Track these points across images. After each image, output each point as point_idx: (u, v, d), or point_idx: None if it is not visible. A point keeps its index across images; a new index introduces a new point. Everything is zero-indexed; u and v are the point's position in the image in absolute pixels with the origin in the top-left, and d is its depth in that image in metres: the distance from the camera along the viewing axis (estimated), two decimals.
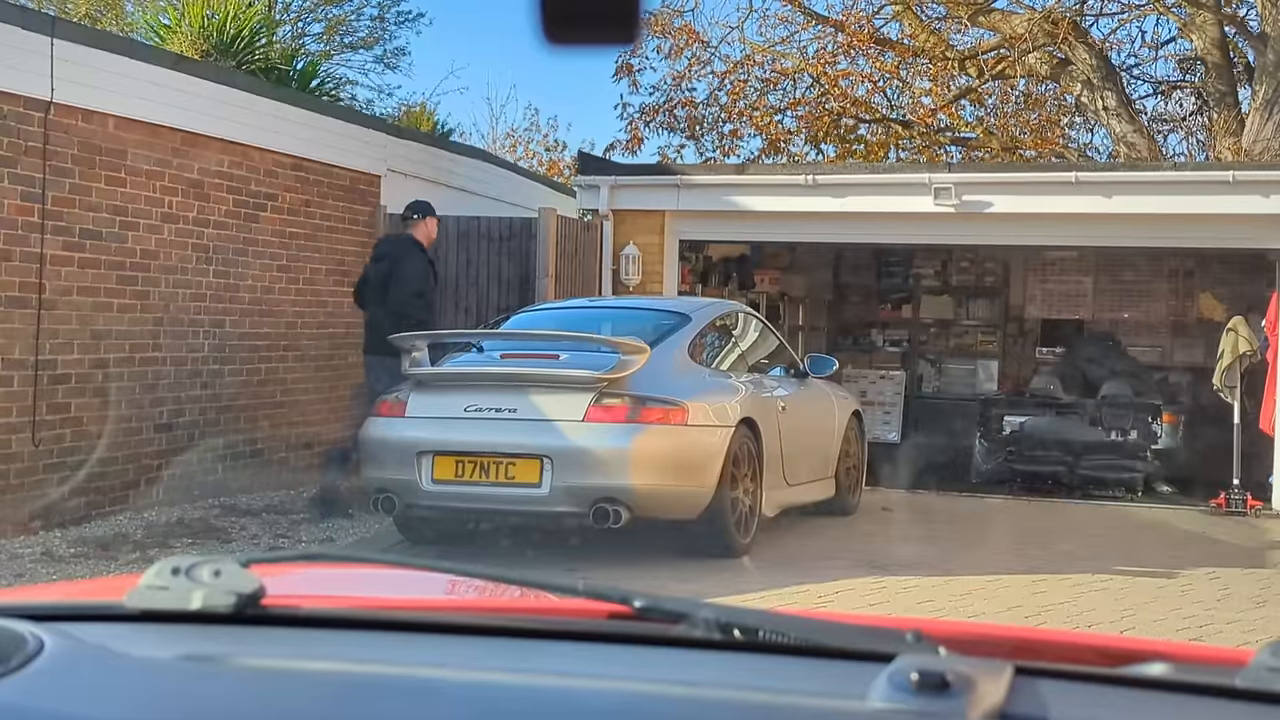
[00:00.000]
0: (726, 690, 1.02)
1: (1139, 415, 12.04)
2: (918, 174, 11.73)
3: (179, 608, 1.14)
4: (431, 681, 1.02)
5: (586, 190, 12.17)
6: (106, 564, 7.35)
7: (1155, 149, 16.09)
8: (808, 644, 1.08)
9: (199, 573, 1.16)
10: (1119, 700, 1.06)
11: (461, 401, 7.53)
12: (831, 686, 1.04)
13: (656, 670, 1.07)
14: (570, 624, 1.16)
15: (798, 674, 1.08)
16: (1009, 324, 15.43)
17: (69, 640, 1.11)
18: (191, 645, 1.11)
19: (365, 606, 1.32)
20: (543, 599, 1.28)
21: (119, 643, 1.12)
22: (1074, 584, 7.37)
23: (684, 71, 17.95)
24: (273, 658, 1.10)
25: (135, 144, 8.68)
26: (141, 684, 1.03)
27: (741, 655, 1.11)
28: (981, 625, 1.38)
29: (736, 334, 8.97)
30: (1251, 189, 10.66)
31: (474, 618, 1.18)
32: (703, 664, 1.10)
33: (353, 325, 11.09)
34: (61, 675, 1.04)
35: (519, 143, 25.05)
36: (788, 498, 8.56)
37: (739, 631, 1.08)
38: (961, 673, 0.98)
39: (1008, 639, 1.20)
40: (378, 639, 1.16)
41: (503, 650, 1.12)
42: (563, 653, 1.11)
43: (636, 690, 1.01)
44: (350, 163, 10.93)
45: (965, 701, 0.96)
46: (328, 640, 1.16)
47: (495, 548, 8.00)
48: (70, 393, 8.23)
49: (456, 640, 1.14)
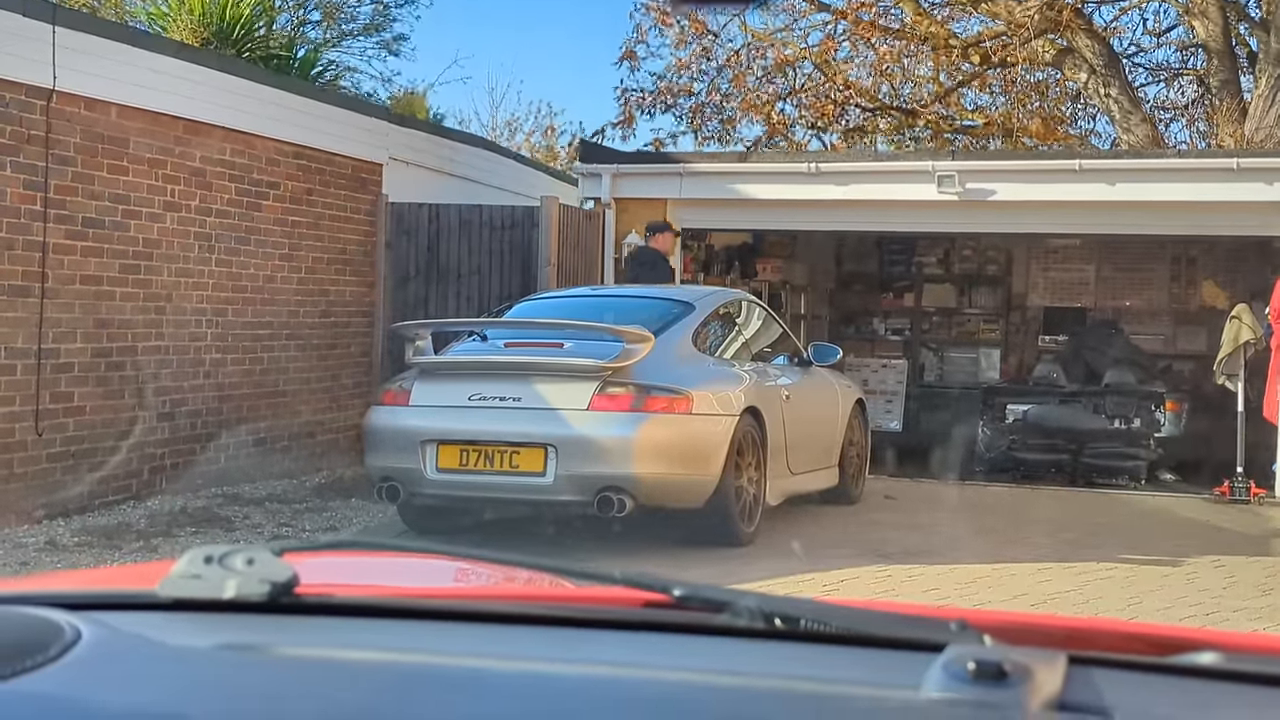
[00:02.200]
0: (774, 679, 1.00)
1: (1142, 403, 12.02)
2: (921, 161, 11.70)
3: (213, 596, 1.12)
4: (474, 672, 1.01)
5: (588, 178, 12.14)
6: (111, 553, 7.34)
7: (1158, 137, 16.05)
8: (852, 633, 1.06)
9: (232, 561, 1.14)
10: (1173, 689, 1.04)
11: (466, 390, 7.51)
12: (882, 676, 1.02)
13: (701, 659, 1.06)
14: (611, 613, 1.14)
15: (844, 663, 1.06)
16: (1011, 312, 15.41)
17: (105, 629, 1.10)
18: (228, 634, 1.10)
19: (400, 595, 1.30)
20: (580, 588, 1.27)
21: (155, 631, 1.11)
22: (1079, 572, 7.36)
23: (688, 60, 17.89)
24: (311, 647, 1.09)
25: (137, 132, 8.66)
26: (180, 673, 1.02)
27: (784, 644, 1.09)
28: (1025, 615, 1.37)
29: (740, 322, 8.95)
30: (1256, 176, 10.64)
31: (513, 606, 1.17)
32: (747, 653, 1.08)
33: (354, 314, 11.07)
34: (100, 664, 1.03)
35: (518, 130, 25.00)
36: (792, 486, 8.55)
37: (781, 620, 1.07)
38: (1018, 662, 0.96)
39: (1056, 628, 1.18)
40: (415, 628, 1.14)
41: (544, 639, 1.11)
42: (605, 642, 1.10)
43: (684, 680, 0.99)
44: (352, 151, 10.90)
45: (1023, 691, 0.95)
46: (364, 629, 1.14)
47: (499, 536, 8.00)
48: (73, 382, 8.22)
49: (496, 629, 1.13)
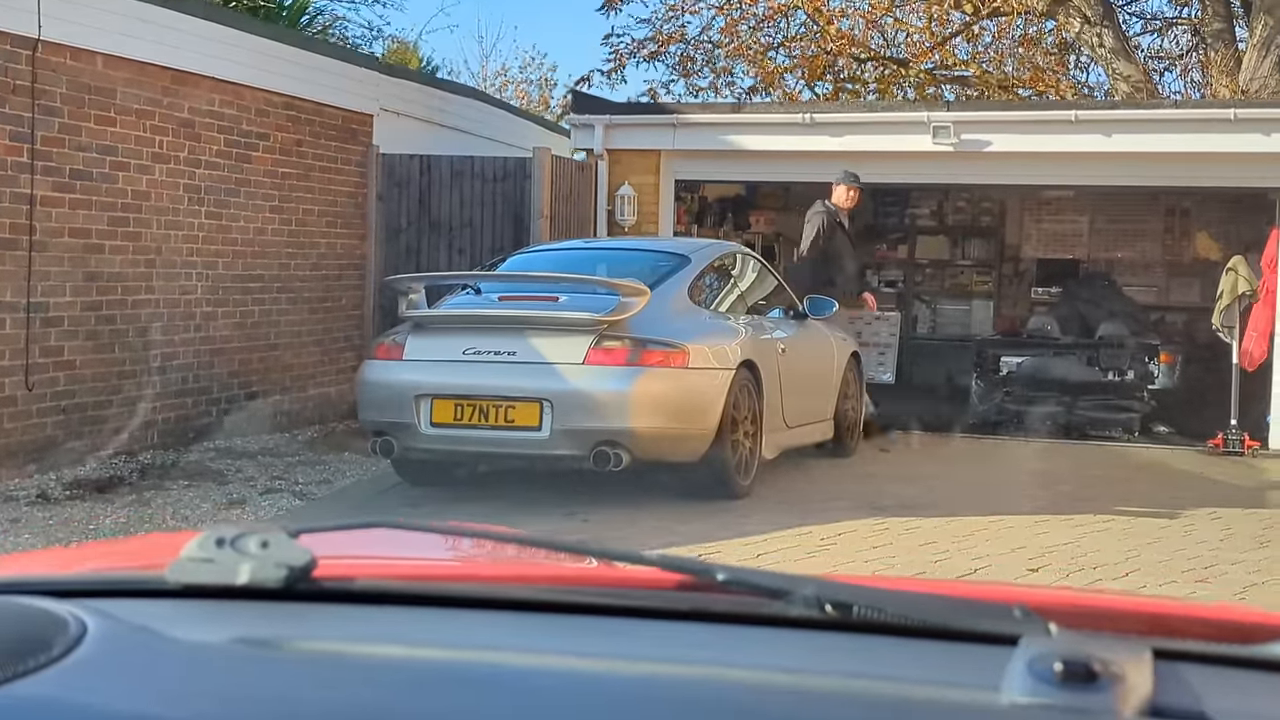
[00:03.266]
0: (835, 678, 0.93)
1: (1136, 355, 11.97)
2: (916, 113, 11.60)
3: (225, 582, 1.06)
4: (501, 669, 0.94)
5: (581, 130, 12.01)
6: (104, 506, 7.30)
7: (1152, 88, 15.94)
8: (915, 624, 0.99)
9: (245, 544, 1.07)
10: (1262, 687, 0.96)
11: (460, 344, 7.45)
12: (953, 675, 0.95)
13: (752, 655, 0.99)
14: (649, 598, 1.07)
15: (909, 659, 0.99)
16: (1005, 264, 15.34)
17: (111, 622, 1.03)
18: (243, 626, 1.03)
19: (422, 577, 1.23)
20: (613, 569, 1.20)
21: (164, 624, 1.04)
22: (1076, 524, 7.34)
23: (677, 4, 17.69)
24: (328, 640, 1.01)
25: (124, 82, 8.53)
26: (191, 673, 0.95)
27: (841, 635, 1.02)
28: (1084, 594, 1.30)
29: (735, 275, 8.88)
30: (1252, 127, 10.56)
31: (544, 592, 1.10)
32: (801, 646, 1.01)
33: (345, 267, 10.98)
34: (107, 664, 0.96)
35: (509, 82, 24.76)
36: (788, 440, 8.51)
37: (836, 608, 0.99)
38: (1107, 661, 0.89)
39: (1127, 613, 1.11)
40: (437, 617, 1.07)
41: (576, 630, 1.04)
42: (642, 633, 1.02)
43: (733, 679, 0.91)
44: (342, 102, 10.77)
45: (1115, 695, 0.87)
46: (386, 619, 1.07)
47: (495, 491, 7.96)
48: (63, 336, 8.13)
49: (524, 618, 1.06)
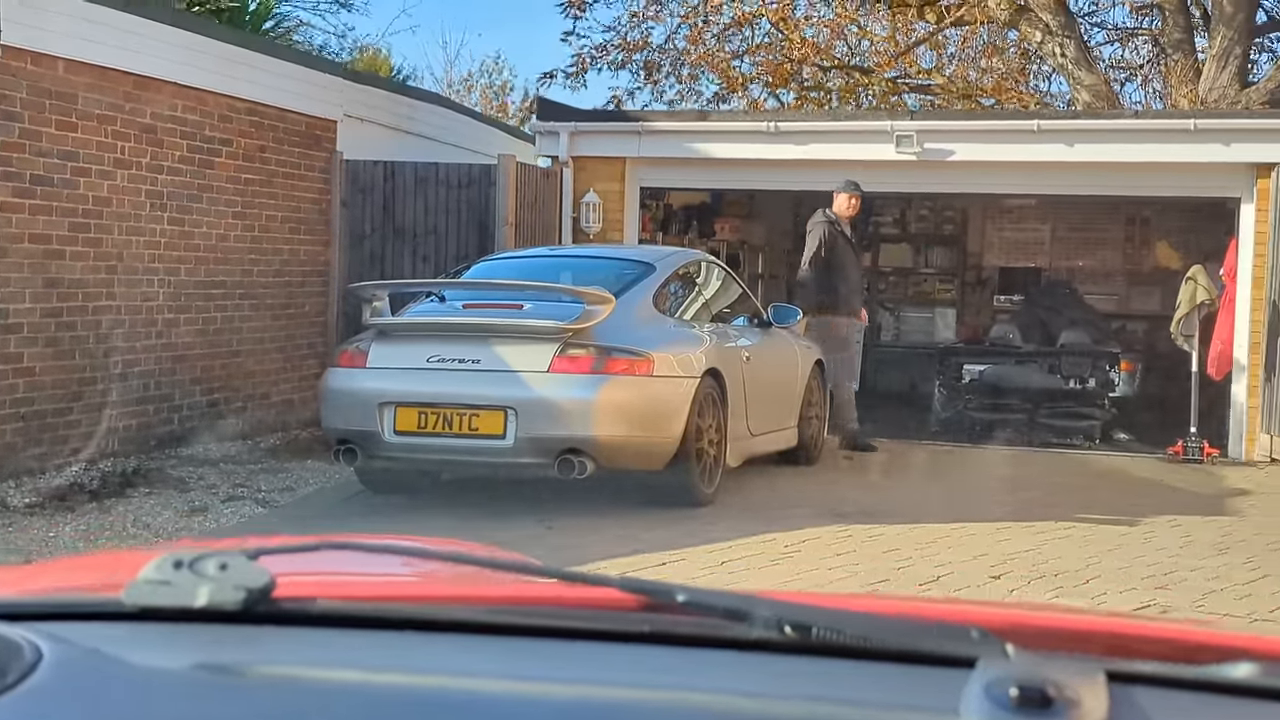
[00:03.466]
0: (796, 702, 0.93)
1: (1097, 363, 12.06)
2: (880, 121, 11.66)
3: (183, 605, 1.05)
4: (461, 694, 0.94)
5: (546, 136, 12.00)
6: (64, 515, 7.24)
7: (1113, 98, 16.07)
8: (873, 646, 0.99)
9: (203, 566, 1.06)
10: (1212, 710, 0.98)
11: (424, 352, 7.43)
12: (912, 698, 0.95)
13: (713, 678, 0.99)
14: (609, 620, 1.07)
15: (868, 682, 0.99)
16: (967, 272, 15.43)
17: (67, 647, 1.01)
18: (200, 651, 1.02)
19: (381, 598, 1.23)
20: (573, 590, 1.20)
21: (121, 648, 1.03)
22: (1037, 531, 7.39)
23: (641, 11, 17.70)
24: (288, 664, 1.01)
25: (85, 87, 8.47)
26: (150, 699, 0.94)
27: (800, 659, 1.02)
28: (1039, 613, 1.31)
29: (700, 283, 8.90)
30: (1212, 137, 10.67)
31: (504, 614, 1.10)
32: (760, 670, 1.01)
33: (309, 273, 10.93)
34: (63, 689, 0.95)
35: (473, 87, 24.72)
36: (752, 447, 8.54)
37: (795, 630, 0.99)
38: (1061, 685, 0.89)
39: (1082, 631, 1.12)
40: (398, 639, 1.07)
41: (536, 653, 1.04)
42: (603, 656, 1.03)
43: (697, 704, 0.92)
44: (306, 108, 10.73)
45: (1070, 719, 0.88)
46: (344, 642, 1.07)
47: (459, 499, 7.94)
48: (23, 342, 8.06)
49: (484, 640, 1.05)
